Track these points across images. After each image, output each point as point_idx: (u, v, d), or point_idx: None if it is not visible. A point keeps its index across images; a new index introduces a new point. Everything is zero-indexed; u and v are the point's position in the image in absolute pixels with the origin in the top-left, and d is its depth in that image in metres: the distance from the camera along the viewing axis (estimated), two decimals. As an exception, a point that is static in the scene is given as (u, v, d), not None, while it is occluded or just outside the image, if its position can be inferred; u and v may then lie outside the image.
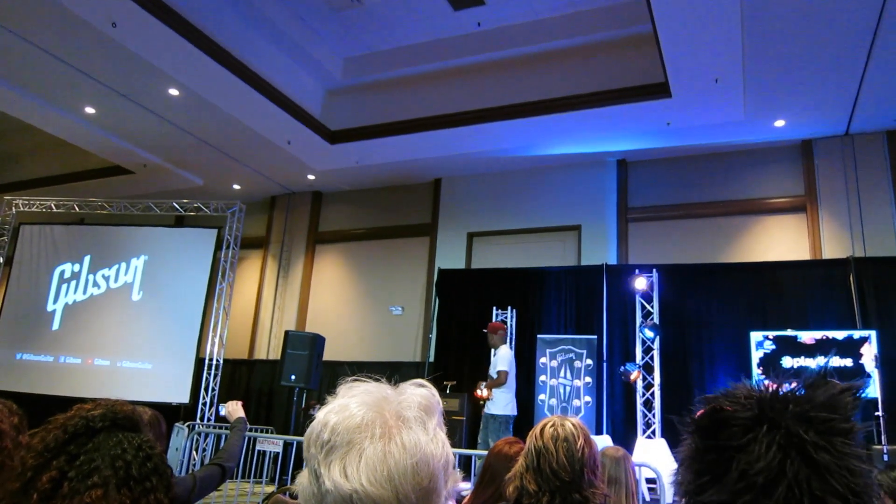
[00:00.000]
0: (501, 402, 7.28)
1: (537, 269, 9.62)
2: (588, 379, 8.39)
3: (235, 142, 10.12)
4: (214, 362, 10.51)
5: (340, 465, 0.85)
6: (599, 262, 9.29)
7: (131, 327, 10.74)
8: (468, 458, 6.58)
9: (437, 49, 9.40)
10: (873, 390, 7.00)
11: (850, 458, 0.71)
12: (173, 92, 8.69)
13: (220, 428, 8.45)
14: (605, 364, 8.66)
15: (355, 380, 0.96)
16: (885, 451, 6.35)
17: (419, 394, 0.95)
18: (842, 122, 8.57)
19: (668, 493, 6.14)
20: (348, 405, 0.90)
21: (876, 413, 6.82)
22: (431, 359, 9.96)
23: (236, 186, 12.01)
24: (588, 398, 8.35)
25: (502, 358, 7.44)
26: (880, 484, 2.67)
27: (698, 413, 0.78)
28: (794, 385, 0.78)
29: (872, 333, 7.25)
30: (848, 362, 7.20)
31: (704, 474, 0.75)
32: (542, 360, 8.62)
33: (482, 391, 7.46)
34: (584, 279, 9.30)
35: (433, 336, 10.09)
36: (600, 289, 9.04)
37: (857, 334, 7.33)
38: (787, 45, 7.04)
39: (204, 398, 10.26)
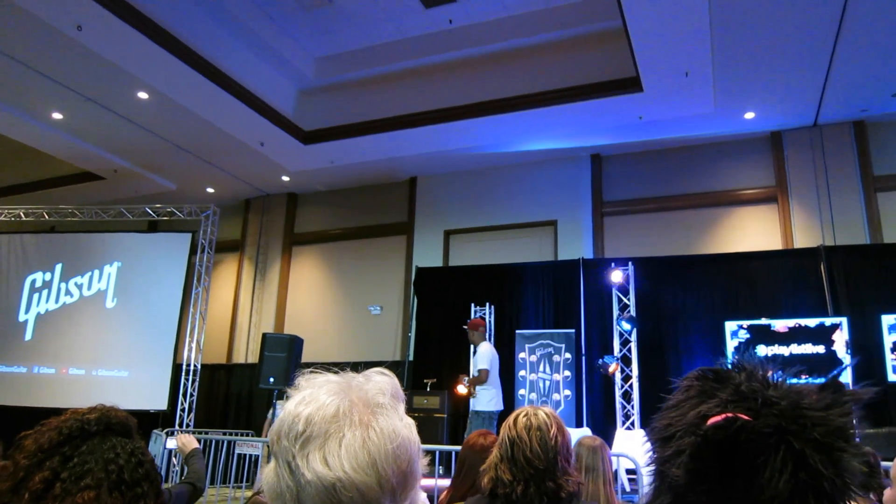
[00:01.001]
0: (485, 399, 7.29)
1: (514, 265, 9.66)
2: (567, 373, 8.44)
3: (208, 145, 10.03)
4: (192, 368, 10.40)
5: (320, 455, 0.84)
6: (576, 257, 9.35)
7: (106, 335, 10.59)
8: (449, 454, 6.58)
9: (410, 47, 9.39)
10: (845, 376, 7.12)
11: (851, 490, 0.71)
12: (142, 95, 8.59)
13: (199, 433, 8.37)
14: (583, 357, 8.71)
15: (313, 372, 0.96)
16: (856, 435, 6.47)
17: (386, 381, 0.96)
18: (810, 113, 8.71)
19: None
20: (318, 396, 0.90)
21: (848, 398, 6.95)
22: (411, 357, 9.96)
23: (210, 190, 11.90)
24: (567, 392, 8.41)
25: (483, 355, 7.45)
26: None
27: (713, 419, 0.72)
28: (808, 391, 0.74)
29: (843, 320, 7.39)
30: (820, 349, 7.33)
31: (702, 482, 0.72)
32: (521, 355, 8.66)
33: (463, 388, 7.47)
34: (561, 274, 9.36)
35: (412, 334, 10.09)
36: (577, 283, 9.10)
37: (828, 321, 7.46)
38: (755, 37, 7.15)
39: (182, 404, 10.15)
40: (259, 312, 11.78)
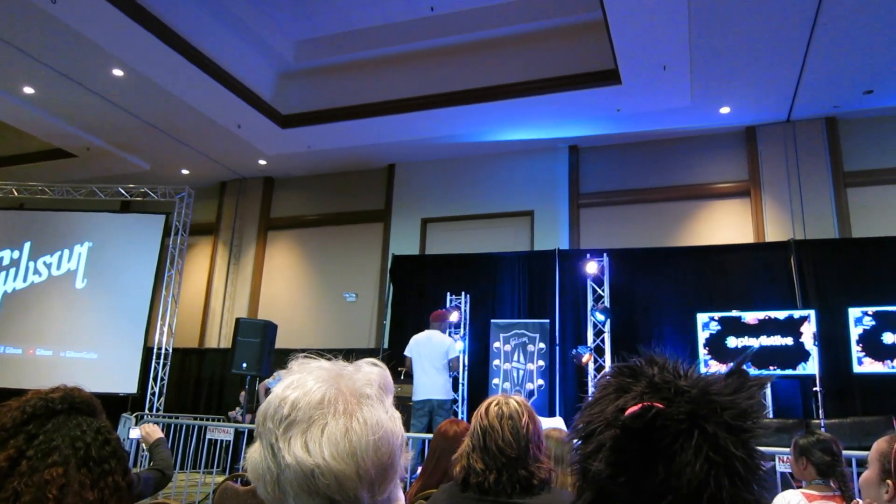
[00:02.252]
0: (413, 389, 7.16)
1: (491, 254, 9.69)
2: (541, 362, 8.51)
3: (183, 125, 9.88)
4: (163, 351, 10.30)
5: (302, 440, 0.85)
6: (552, 247, 9.41)
7: (75, 316, 10.44)
8: (422, 441, 6.61)
9: (391, 33, 9.32)
10: (812, 367, 7.28)
11: (760, 470, 0.74)
12: (117, 72, 8.42)
13: (169, 417, 8.30)
14: (557, 347, 8.79)
15: (307, 356, 0.96)
16: (822, 425, 6.63)
17: (376, 372, 0.96)
18: (784, 108, 8.83)
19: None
20: (306, 381, 0.90)
21: (814, 388, 7.11)
22: (386, 345, 9.95)
23: (185, 171, 11.73)
24: (541, 381, 8.47)
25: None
26: (799, 445, 2.80)
27: (630, 410, 0.74)
28: (715, 378, 0.78)
29: (812, 313, 7.53)
30: (789, 341, 7.47)
31: (623, 473, 0.73)
32: (496, 344, 8.70)
33: None
34: (536, 264, 9.41)
35: (387, 322, 10.08)
36: (553, 273, 9.16)
37: (797, 314, 7.60)
38: (732, 34, 7.22)
39: (153, 388, 10.06)
40: (233, 297, 11.68)
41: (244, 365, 8.96)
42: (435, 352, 7.23)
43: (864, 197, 8.75)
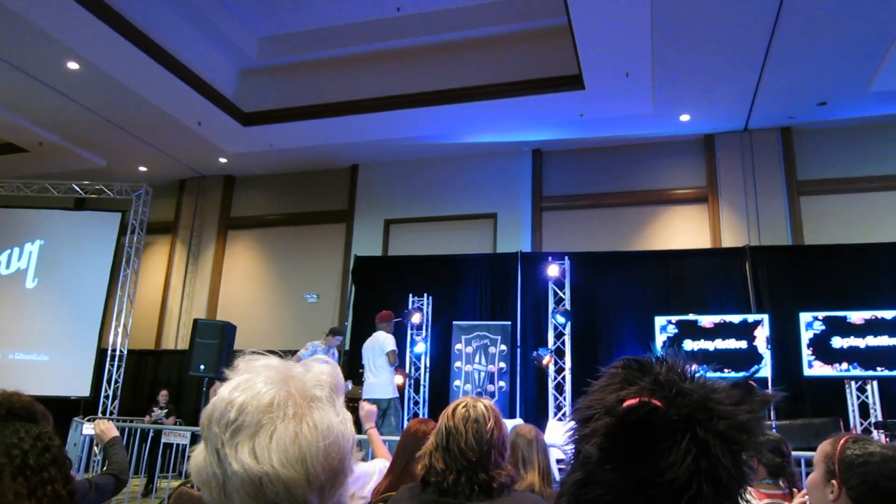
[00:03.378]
0: None
1: (454, 256, 9.70)
2: (502, 364, 8.54)
3: (142, 121, 9.66)
4: (118, 353, 10.04)
5: (249, 447, 0.81)
6: (514, 250, 9.46)
7: (25, 316, 10.11)
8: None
9: (356, 32, 9.27)
10: (765, 370, 7.46)
11: (745, 481, 0.75)
12: (73, 66, 8.20)
13: (124, 421, 8.10)
14: (518, 349, 8.83)
15: (254, 352, 0.92)
16: (773, 426, 6.79)
17: (326, 371, 0.92)
18: (741, 118, 9.05)
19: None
20: (255, 383, 0.86)
21: (766, 391, 7.28)
22: (347, 346, 9.88)
23: (142, 168, 11.48)
24: (502, 383, 8.51)
25: None
26: None
27: (628, 402, 0.75)
28: (720, 387, 0.78)
29: (765, 317, 7.71)
30: (743, 344, 7.64)
31: (611, 459, 0.75)
32: (458, 346, 8.71)
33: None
34: (499, 266, 9.45)
35: (349, 323, 10.00)
36: (515, 276, 9.20)
37: (751, 318, 7.78)
38: (693, 44, 7.39)
39: (106, 391, 9.80)
40: (191, 297, 11.46)
41: (202, 367, 8.81)
42: (373, 352, 7.37)
43: (817, 205, 9.03)
